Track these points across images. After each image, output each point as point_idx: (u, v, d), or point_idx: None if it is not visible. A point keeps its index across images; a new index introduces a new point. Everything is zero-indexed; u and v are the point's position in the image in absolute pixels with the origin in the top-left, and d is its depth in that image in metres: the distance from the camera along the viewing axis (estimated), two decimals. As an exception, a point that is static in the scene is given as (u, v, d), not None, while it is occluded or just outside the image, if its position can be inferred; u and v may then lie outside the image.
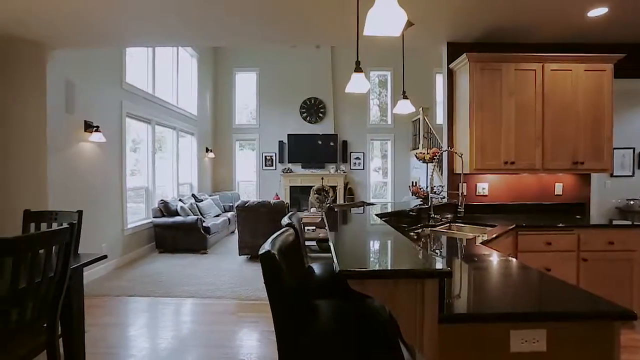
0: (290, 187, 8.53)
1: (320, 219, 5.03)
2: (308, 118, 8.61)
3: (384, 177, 9.18)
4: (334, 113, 8.65)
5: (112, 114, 4.65)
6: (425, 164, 5.28)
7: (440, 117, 8.07)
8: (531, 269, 1.56)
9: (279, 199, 7.56)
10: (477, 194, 3.37)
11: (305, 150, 8.49)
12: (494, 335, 1.10)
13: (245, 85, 8.97)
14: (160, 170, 6.11)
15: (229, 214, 6.89)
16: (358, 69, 2.31)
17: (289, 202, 8.29)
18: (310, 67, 8.55)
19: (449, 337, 1.12)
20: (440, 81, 8.35)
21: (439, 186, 3.27)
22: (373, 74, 8.83)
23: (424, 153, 3.51)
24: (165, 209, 5.51)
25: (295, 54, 8.50)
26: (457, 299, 1.29)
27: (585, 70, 3.04)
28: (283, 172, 8.50)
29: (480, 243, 2.12)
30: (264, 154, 8.79)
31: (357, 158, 8.78)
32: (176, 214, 5.53)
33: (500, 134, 3.03)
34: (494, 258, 1.78)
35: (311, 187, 8.20)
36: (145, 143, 5.69)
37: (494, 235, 2.30)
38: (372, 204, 3.72)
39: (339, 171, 8.51)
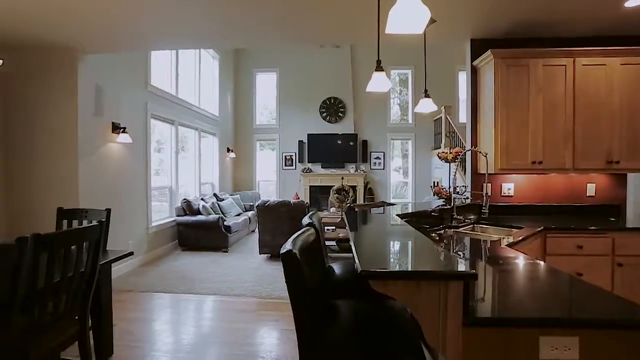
0: (310, 186, 8.55)
1: (340, 219, 5.02)
2: (328, 118, 8.61)
3: (404, 177, 9.06)
4: (353, 112, 8.61)
5: (138, 115, 4.81)
6: (448, 164, 5.17)
7: (463, 116, 7.89)
8: (561, 273, 1.50)
9: (298, 198, 7.60)
10: (502, 194, 3.26)
11: (325, 150, 8.49)
12: (521, 341, 1.06)
13: (266, 86, 9.07)
14: (183, 170, 6.27)
15: (250, 213, 6.99)
16: (379, 68, 2.29)
17: (308, 201, 8.31)
18: (329, 67, 8.55)
19: (473, 341, 1.09)
20: (463, 79, 8.18)
21: (461, 186, 3.19)
22: (393, 73, 8.73)
23: (446, 152, 3.43)
24: (188, 207, 5.65)
25: (314, 53, 8.52)
26: (481, 302, 1.26)
27: (622, 64, 2.88)
28: (303, 171, 8.54)
29: (506, 245, 2.05)
30: (284, 154, 8.85)
31: (377, 158, 8.70)
32: (198, 212, 5.65)
33: (528, 132, 2.92)
34: (521, 261, 1.71)
35: (331, 186, 8.19)
36: (168, 143, 5.86)
37: (521, 238, 2.22)
38: (393, 204, 3.67)
39: (358, 171, 8.46)
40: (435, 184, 7.34)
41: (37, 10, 2.73)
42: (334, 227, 5.07)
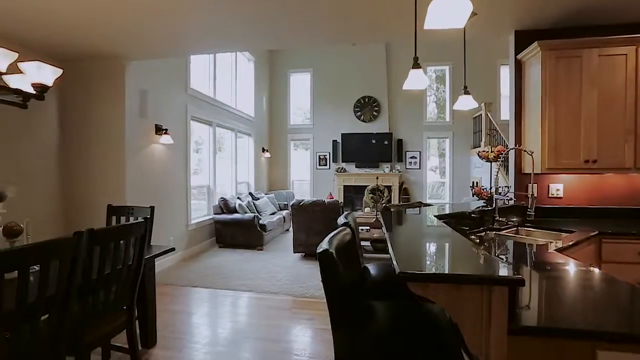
0: (344, 186, 8.52)
1: (374, 219, 4.95)
2: (362, 117, 8.54)
3: (441, 177, 8.77)
4: (388, 111, 8.47)
5: (179, 117, 5.04)
6: (489, 163, 4.93)
7: (506, 113, 7.52)
8: (620, 283, 1.37)
9: (332, 198, 7.60)
10: (550, 195, 3.05)
11: (359, 150, 8.42)
12: (576, 354, 0.98)
13: (300, 86, 9.16)
14: (220, 169, 6.49)
15: (284, 212, 7.08)
16: (416, 65, 2.23)
17: (342, 201, 8.29)
18: (364, 65, 8.47)
19: (520, 350, 1.02)
20: (505, 74, 7.78)
21: (504, 187, 3.02)
22: (430, 69, 8.48)
23: (487, 151, 3.27)
24: (225, 206, 5.83)
25: (348, 52, 8.48)
26: (526, 309, 1.18)
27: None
28: (337, 171, 8.53)
29: (554, 250, 1.91)
30: (317, 154, 8.90)
31: (413, 157, 8.49)
32: (235, 211, 5.82)
33: (580, 129, 2.70)
34: (572, 267, 1.59)
35: (365, 186, 8.07)
36: (207, 144, 6.09)
37: (571, 242, 2.06)
38: (429, 205, 3.56)
39: (393, 170, 8.31)
40: (475, 184, 7.03)
41: (89, 26, 2.97)
42: (368, 228, 5.01)
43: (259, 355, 2.47)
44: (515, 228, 2.65)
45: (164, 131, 4.51)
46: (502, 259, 1.86)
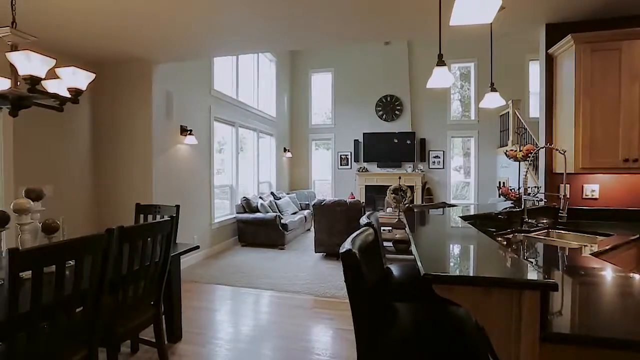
0: (366, 186, 8.46)
1: (396, 220, 4.89)
2: (384, 116, 8.44)
3: (466, 177, 8.54)
4: (411, 110, 8.33)
5: (202, 118, 5.16)
6: (517, 163, 4.75)
7: (535, 110, 7.24)
8: (665, 290, 1.28)
9: (354, 198, 7.56)
10: (584, 196, 2.90)
11: (380, 149, 8.34)
12: (616, 365, 0.92)
13: (321, 86, 9.17)
14: (242, 169, 6.59)
15: (305, 212, 7.11)
16: (440, 63, 2.18)
17: (364, 201, 8.24)
18: (385, 64, 8.37)
19: (553, 358, 0.97)
20: (534, 70, 7.48)
21: (533, 187, 2.90)
22: (454, 66, 8.27)
23: (515, 150, 3.15)
24: (247, 205, 5.92)
25: (370, 51, 8.41)
26: (558, 315, 1.12)
27: None
28: (358, 171, 8.48)
29: (589, 254, 1.81)
30: (339, 153, 8.87)
31: (436, 156, 8.31)
32: (257, 210, 5.89)
33: (618, 126, 2.54)
34: (609, 273, 1.50)
35: (387, 186, 8.02)
36: (229, 144, 6.20)
37: (608, 246, 1.95)
38: (454, 206, 3.48)
39: (416, 170, 8.17)
40: (502, 185, 6.80)
41: (119, 33, 3.10)
42: (390, 228, 4.95)
43: (280, 354, 2.48)
44: (545, 230, 2.54)
45: (189, 132, 4.63)
46: (532, 262, 1.78)
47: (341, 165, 8.86)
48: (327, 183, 9.10)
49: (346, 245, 1.12)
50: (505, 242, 2.23)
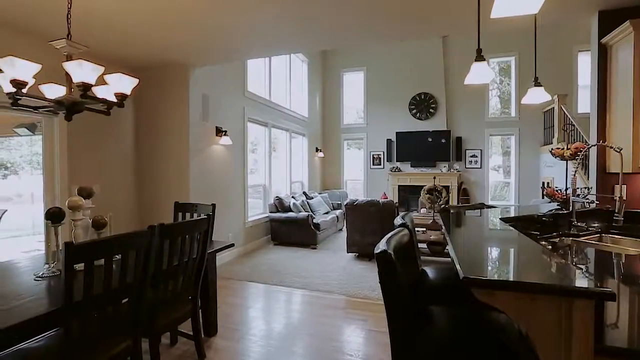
0: (399, 186, 8.30)
1: (431, 221, 4.75)
2: (417, 114, 8.23)
3: (505, 177, 8.13)
4: (446, 108, 8.06)
5: (236, 119, 5.30)
6: (564, 162, 4.45)
7: (584, 105, 6.75)
8: None
9: (386, 198, 7.44)
10: (642, 198, 2.66)
11: (414, 149, 8.14)
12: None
13: (353, 85, 9.11)
14: (274, 169, 6.70)
15: (337, 212, 7.10)
16: (479, 58, 2.09)
17: (397, 201, 8.08)
18: (419, 62, 8.16)
19: (610, 374, 0.89)
20: (584, 61, 6.96)
21: (583, 188, 2.70)
22: (493, 61, 7.89)
23: (562, 149, 2.95)
24: (280, 205, 6.01)
25: (403, 49, 8.23)
26: (613, 328, 1.03)
27: None
28: (391, 171, 8.34)
29: (650, 261, 1.65)
30: (371, 153, 8.77)
31: (473, 156, 7.98)
32: (289, 210, 5.96)
33: (683, 120, 2.31)
34: (675, 282, 1.36)
35: (420, 186, 7.78)
36: (262, 144, 6.32)
37: (673, 253, 1.77)
38: (493, 207, 3.31)
39: (452, 170, 7.90)
40: (546, 185, 6.40)
41: (159, 40, 3.25)
42: (424, 229, 4.82)
43: (312, 352, 2.49)
44: (597, 235, 2.35)
45: (224, 133, 4.77)
46: (582, 269, 1.66)
47: (373, 165, 8.75)
48: (359, 183, 9.03)
49: (381, 246, 1.10)
50: (550, 247, 2.09)
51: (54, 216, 1.84)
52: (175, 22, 2.92)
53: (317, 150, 8.64)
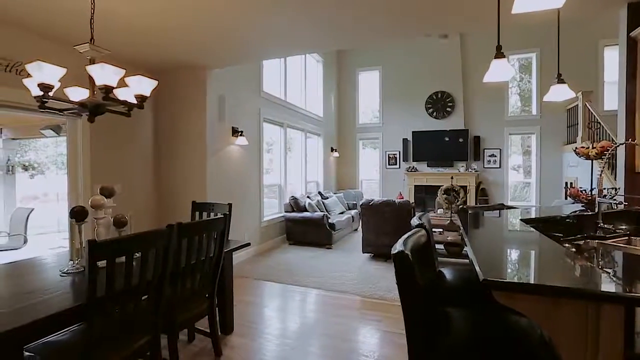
0: (415, 186, 8.19)
1: (448, 221, 4.67)
2: (434, 114, 8.11)
3: (526, 177, 7.91)
4: (464, 106, 7.91)
5: (252, 120, 5.35)
6: (589, 161, 4.29)
7: (610, 102, 6.49)
8: None
9: (402, 198, 7.36)
10: (674, 199, 2.53)
11: (431, 148, 8.02)
12: None
13: (368, 85, 9.05)
14: (290, 169, 6.73)
15: (353, 212, 7.07)
16: (499, 54, 2.04)
17: (413, 202, 7.99)
18: (436, 59, 8.03)
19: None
20: (610, 56, 6.70)
21: (610, 188, 2.59)
22: (513, 58, 7.69)
23: (587, 147, 2.84)
24: (295, 204, 6.03)
25: (418, 47, 8.12)
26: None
27: None
28: (407, 170, 8.24)
29: (684, 265, 1.57)
30: (387, 153, 8.70)
31: (492, 155, 7.80)
32: (305, 209, 5.98)
33: None
34: None
35: (437, 186, 7.66)
36: (277, 144, 6.36)
37: None
38: (513, 207, 3.23)
39: (470, 170, 7.74)
40: (570, 185, 6.19)
41: (178, 43, 3.31)
42: (441, 230, 4.74)
43: (327, 352, 2.49)
44: (625, 237, 2.25)
45: (240, 133, 4.83)
46: (609, 273, 1.59)
47: (389, 164, 8.68)
48: (375, 183, 8.97)
49: (398, 247, 1.08)
50: (574, 249, 2.01)
51: (77, 214, 1.90)
52: (192, 24, 2.97)
53: (332, 150, 8.63)
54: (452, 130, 7.85)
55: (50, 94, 1.81)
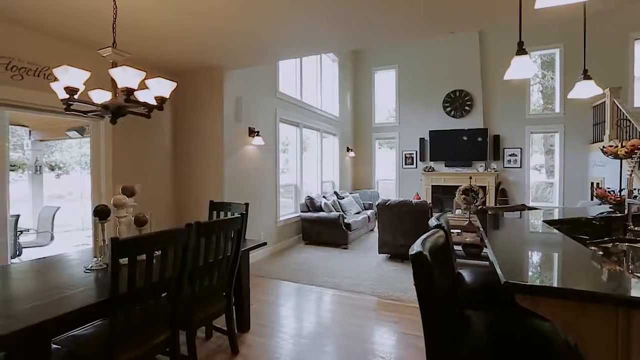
0: (432, 186, 8.07)
1: (467, 222, 4.57)
2: (452, 112, 7.96)
3: (548, 177, 7.66)
4: (482, 105, 7.73)
5: (268, 120, 5.39)
6: (617, 161, 4.11)
7: (640, 99, 6.20)
8: None
9: (419, 198, 7.26)
10: None
11: (448, 148, 7.88)
12: None
13: (384, 84, 8.98)
14: (306, 169, 6.74)
15: (369, 212, 7.03)
16: (521, 51, 1.98)
17: (430, 202, 7.87)
18: (453, 57, 7.88)
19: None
20: None
21: None
22: (534, 55, 7.46)
23: (615, 146, 2.72)
24: (311, 204, 6.04)
25: (436, 45, 8.00)
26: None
27: None
28: (424, 170, 8.13)
29: None
30: (403, 152, 8.60)
31: (513, 154, 7.60)
32: (320, 209, 5.98)
33: None
34: None
35: (455, 187, 7.52)
36: (293, 144, 6.39)
37: None
38: (535, 209, 3.13)
39: (489, 170, 7.56)
40: (596, 186, 5.95)
41: (196, 45, 3.36)
42: (459, 231, 4.64)
43: (343, 353, 2.48)
44: (657, 240, 2.14)
45: (256, 133, 4.87)
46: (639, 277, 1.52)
47: (406, 164, 8.58)
48: (391, 183, 8.88)
49: (416, 247, 1.06)
50: (602, 252, 1.94)
51: (101, 213, 1.97)
52: (208, 26, 3.01)
53: (348, 149, 8.60)
54: (471, 130, 7.68)
55: (76, 96, 1.88)
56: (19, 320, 1.25)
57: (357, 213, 6.85)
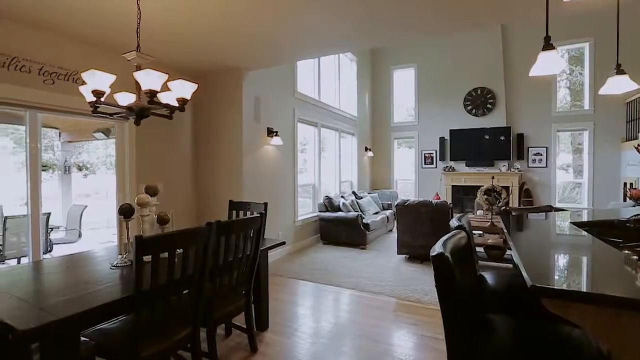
0: (452, 186, 7.91)
1: (489, 223, 4.45)
2: (473, 111, 7.78)
3: (576, 177, 7.36)
4: (505, 102, 7.51)
5: (287, 120, 5.42)
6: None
7: (676, 94, 5.84)
8: None
9: (439, 198, 7.14)
10: None
11: (469, 147, 7.70)
12: None
13: (403, 83, 8.87)
14: (324, 168, 6.74)
15: (387, 212, 6.96)
16: (548, 46, 1.91)
17: (450, 202, 7.72)
18: (474, 54, 7.69)
19: None
20: (676, 44, 6.06)
21: (677, 189, 2.34)
22: (561, 49, 7.18)
23: (649, 143, 2.58)
24: (329, 204, 6.03)
25: (456, 42, 7.82)
26: None
27: None
28: (444, 170, 7.97)
29: None
30: (423, 152, 8.47)
31: (538, 154, 7.34)
32: (339, 209, 5.96)
33: None
34: None
35: (476, 187, 7.35)
36: (311, 144, 6.40)
37: None
38: (562, 210, 3.02)
39: (512, 169, 7.33)
40: (630, 186, 5.67)
41: (215, 47, 3.42)
42: (481, 232, 4.53)
43: (361, 353, 2.46)
44: (697, 243, 2.02)
45: (275, 133, 4.91)
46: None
47: (425, 164, 8.44)
48: (410, 183, 8.76)
49: (437, 248, 1.04)
50: (636, 257, 1.84)
51: (125, 212, 2.03)
52: (227, 28, 3.05)
53: (366, 149, 8.54)
54: (493, 128, 7.48)
55: (102, 99, 1.94)
56: (51, 314, 1.30)
57: (376, 213, 6.79)
